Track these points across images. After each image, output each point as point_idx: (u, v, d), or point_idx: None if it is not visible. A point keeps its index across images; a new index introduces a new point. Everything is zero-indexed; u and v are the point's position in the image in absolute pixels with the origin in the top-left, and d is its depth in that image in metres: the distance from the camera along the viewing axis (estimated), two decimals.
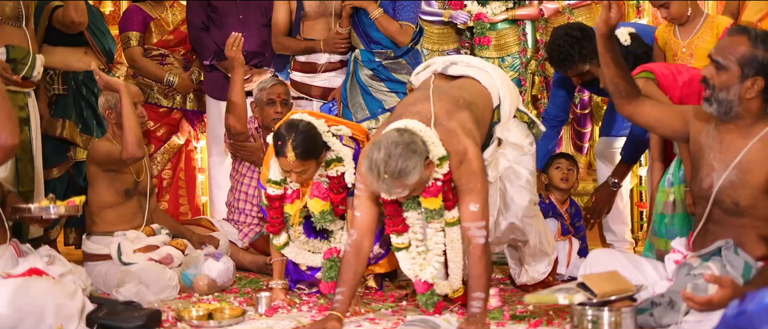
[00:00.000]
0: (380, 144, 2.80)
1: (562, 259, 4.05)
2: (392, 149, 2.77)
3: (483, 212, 2.99)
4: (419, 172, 2.81)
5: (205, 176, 5.53)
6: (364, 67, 4.51)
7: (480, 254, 2.96)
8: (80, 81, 4.50)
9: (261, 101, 4.32)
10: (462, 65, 3.43)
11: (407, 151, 2.78)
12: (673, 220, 3.08)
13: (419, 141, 2.85)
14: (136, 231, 3.88)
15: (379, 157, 2.77)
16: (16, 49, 3.79)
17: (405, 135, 2.83)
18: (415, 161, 2.78)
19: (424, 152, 2.85)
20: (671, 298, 2.53)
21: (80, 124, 4.48)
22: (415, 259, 3.16)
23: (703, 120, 2.71)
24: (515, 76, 5.05)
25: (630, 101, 2.85)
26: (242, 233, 4.45)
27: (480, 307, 2.92)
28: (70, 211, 3.18)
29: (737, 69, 2.56)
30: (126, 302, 3.19)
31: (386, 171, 2.76)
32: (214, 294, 3.74)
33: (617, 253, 2.96)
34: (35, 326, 2.72)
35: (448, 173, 2.99)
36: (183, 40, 4.97)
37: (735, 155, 2.59)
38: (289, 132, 3.23)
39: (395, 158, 2.75)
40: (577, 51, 3.85)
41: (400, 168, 2.76)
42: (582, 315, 2.53)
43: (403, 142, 2.79)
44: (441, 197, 3.02)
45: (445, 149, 2.95)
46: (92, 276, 3.64)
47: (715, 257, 2.59)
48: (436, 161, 2.92)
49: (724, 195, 2.59)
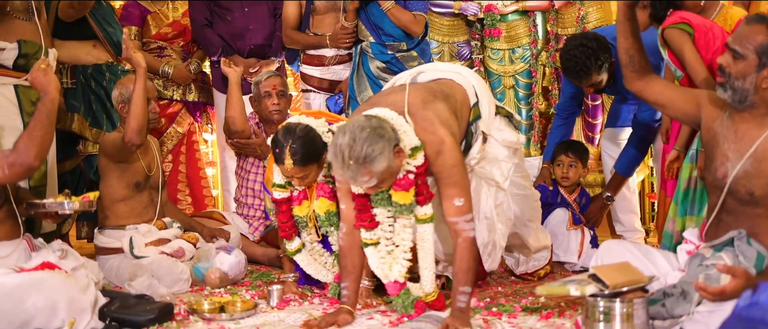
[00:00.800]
0: (346, 129, 2.68)
1: (573, 248, 4.04)
2: (357, 133, 2.63)
3: (468, 204, 2.88)
4: (387, 158, 2.67)
5: (217, 169, 5.54)
6: (374, 59, 4.51)
7: (468, 247, 2.87)
8: (89, 74, 4.50)
9: (258, 95, 4.34)
10: (431, 71, 3.32)
11: (374, 135, 2.64)
12: (696, 196, 3.07)
13: (388, 127, 2.73)
14: (148, 225, 3.89)
15: (344, 141, 2.64)
16: (27, 43, 3.80)
17: (372, 120, 2.71)
18: (382, 145, 2.65)
19: (394, 139, 2.72)
20: (683, 289, 2.51)
21: (89, 118, 4.49)
22: (384, 258, 3.03)
23: (718, 107, 2.69)
24: (526, 68, 5.05)
25: (642, 76, 2.82)
26: (253, 227, 4.46)
27: (465, 302, 2.84)
28: (85, 206, 3.20)
29: (755, 58, 2.53)
30: (138, 295, 3.20)
31: (351, 156, 2.62)
32: (226, 287, 3.75)
33: (628, 244, 2.94)
34: (48, 320, 2.74)
35: (421, 166, 2.85)
36: (181, 32, 4.97)
37: (750, 145, 2.57)
38: (286, 138, 3.17)
39: (360, 142, 2.62)
40: (594, 62, 3.81)
41: (366, 153, 2.62)
42: (594, 306, 2.52)
43: (369, 126, 2.67)
44: (413, 192, 2.88)
45: (418, 140, 2.83)
46: (104, 269, 3.66)
47: (727, 247, 2.57)
48: (408, 151, 2.80)
49: (739, 185, 2.57)
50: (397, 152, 2.72)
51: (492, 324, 2.95)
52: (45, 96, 2.98)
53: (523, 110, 5.09)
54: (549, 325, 2.93)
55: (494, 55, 5.09)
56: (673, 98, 2.83)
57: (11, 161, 2.86)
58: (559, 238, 4.10)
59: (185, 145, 5.05)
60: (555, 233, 4.08)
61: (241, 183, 4.54)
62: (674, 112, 2.90)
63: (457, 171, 2.86)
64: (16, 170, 2.87)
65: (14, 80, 3.75)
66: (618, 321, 2.49)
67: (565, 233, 4.11)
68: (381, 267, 3.03)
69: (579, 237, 4.09)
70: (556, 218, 4.15)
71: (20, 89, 3.80)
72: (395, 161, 2.72)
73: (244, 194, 4.53)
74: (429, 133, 2.86)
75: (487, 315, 3.07)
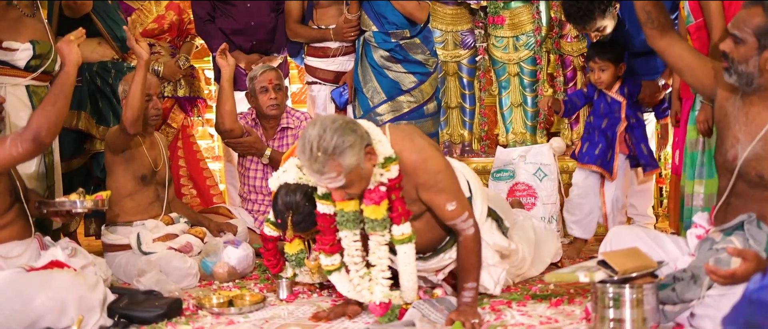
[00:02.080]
0: (316, 121, 2.58)
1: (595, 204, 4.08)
2: (328, 125, 2.54)
3: (461, 205, 2.81)
4: (357, 154, 2.54)
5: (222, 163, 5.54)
6: (378, 48, 4.49)
7: (471, 245, 2.83)
8: (94, 72, 4.50)
9: (254, 91, 4.34)
10: None
11: (345, 128, 2.54)
12: (703, 158, 3.05)
13: (361, 129, 2.62)
14: (155, 221, 3.89)
15: (313, 132, 2.53)
16: (40, 44, 3.79)
17: (346, 118, 2.62)
18: (353, 139, 2.54)
19: (366, 139, 2.60)
20: (693, 273, 2.50)
21: (96, 115, 4.49)
22: (359, 284, 2.86)
23: (732, 88, 2.67)
24: (530, 55, 5.02)
25: (663, 33, 2.79)
26: (259, 221, 4.46)
27: (471, 297, 2.82)
28: (97, 205, 3.21)
29: (754, 40, 2.53)
30: (146, 291, 3.20)
31: (319, 147, 2.51)
32: (234, 281, 3.75)
33: (638, 229, 2.92)
34: (57, 318, 2.74)
35: (395, 179, 2.71)
36: (167, 28, 4.95)
37: (760, 128, 2.55)
38: (287, 208, 2.99)
39: (330, 133, 2.51)
40: (597, 6, 3.79)
41: (336, 144, 2.50)
42: (603, 292, 2.51)
43: (342, 120, 2.58)
44: (385, 205, 2.71)
45: (393, 152, 2.71)
46: (112, 266, 3.67)
47: (737, 231, 2.55)
48: (381, 159, 2.68)
49: (749, 167, 2.56)
50: (368, 153, 2.61)
51: (501, 312, 2.95)
52: (62, 68, 2.97)
53: (529, 98, 5.07)
54: (559, 312, 2.92)
55: (498, 43, 5.07)
56: (693, 65, 2.80)
57: (24, 137, 2.87)
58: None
59: (181, 140, 5.05)
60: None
61: (243, 181, 4.54)
62: (691, 79, 2.86)
63: (443, 176, 2.78)
64: (28, 146, 2.87)
65: (26, 81, 3.76)
66: (628, 307, 2.48)
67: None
68: (358, 291, 2.88)
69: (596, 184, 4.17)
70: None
71: (32, 88, 3.80)
72: (366, 163, 2.60)
73: (247, 191, 4.53)
74: (407, 141, 2.77)
75: (497, 304, 3.06)
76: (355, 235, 2.81)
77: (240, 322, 2.98)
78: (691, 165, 3.14)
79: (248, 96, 4.41)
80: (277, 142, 4.47)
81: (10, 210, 3.00)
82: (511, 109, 5.14)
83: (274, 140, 4.47)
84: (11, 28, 3.75)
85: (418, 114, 4.47)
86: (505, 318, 2.86)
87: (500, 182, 4.90)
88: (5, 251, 2.97)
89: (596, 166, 4.11)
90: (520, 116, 5.13)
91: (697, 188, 3.12)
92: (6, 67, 3.72)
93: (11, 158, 2.89)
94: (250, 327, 2.90)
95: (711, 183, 3.07)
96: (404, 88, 4.46)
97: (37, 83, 3.83)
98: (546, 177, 4.80)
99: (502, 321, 2.82)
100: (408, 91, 4.44)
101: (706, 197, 3.21)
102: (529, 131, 5.10)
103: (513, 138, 5.13)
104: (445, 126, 5.33)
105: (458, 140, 5.34)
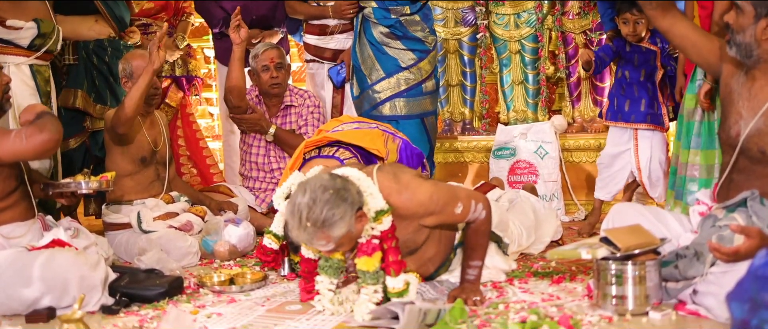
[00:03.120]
0: (307, 186, 2.46)
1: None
2: (319, 194, 2.42)
3: (466, 199, 2.73)
4: (347, 224, 2.45)
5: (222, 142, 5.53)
6: (377, 24, 4.45)
7: (483, 227, 2.80)
8: (91, 50, 4.47)
9: (256, 69, 4.32)
10: None
11: (336, 198, 2.43)
12: (701, 128, 3.03)
13: (353, 189, 2.50)
14: (155, 199, 3.88)
15: (303, 201, 2.42)
16: (44, 23, 3.76)
17: (337, 180, 2.49)
18: (343, 210, 2.43)
19: (357, 202, 2.49)
20: (696, 250, 2.49)
21: (93, 94, 4.47)
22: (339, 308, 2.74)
23: (737, 65, 2.65)
24: (532, 33, 4.99)
25: (665, 12, 2.75)
26: (260, 199, 4.45)
27: (475, 275, 2.80)
28: (103, 186, 3.21)
29: (751, 9, 2.52)
30: (148, 270, 3.20)
31: (309, 218, 2.41)
32: (235, 259, 3.75)
33: (640, 206, 2.91)
34: (59, 298, 2.74)
35: (387, 230, 2.59)
36: (163, 6, 4.92)
37: (763, 103, 2.54)
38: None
39: (320, 205, 2.41)
40: None
41: (325, 217, 2.41)
42: (605, 269, 2.51)
43: (333, 187, 2.45)
44: (378, 257, 2.60)
45: (385, 203, 2.59)
46: (113, 245, 3.66)
47: (740, 208, 2.54)
48: (372, 214, 2.56)
49: (751, 143, 2.55)
50: (359, 217, 2.51)
51: (503, 289, 2.94)
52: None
53: (530, 75, 5.05)
54: (560, 289, 2.91)
55: (499, 21, 5.04)
56: (698, 43, 2.78)
57: (29, 133, 2.83)
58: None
59: (180, 119, 5.04)
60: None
61: (245, 158, 4.52)
62: (696, 57, 2.84)
63: (436, 197, 2.68)
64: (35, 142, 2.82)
65: (30, 60, 3.73)
66: (630, 284, 2.48)
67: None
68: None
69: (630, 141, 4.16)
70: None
71: (35, 67, 3.78)
72: (356, 226, 2.51)
73: (248, 168, 4.52)
74: (393, 183, 2.66)
75: (499, 281, 3.06)
76: (332, 284, 2.73)
77: (241, 300, 2.97)
78: (687, 134, 3.12)
79: (251, 74, 4.39)
80: (281, 119, 4.45)
81: (14, 192, 2.98)
82: (512, 86, 5.12)
83: (277, 117, 4.45)
84: (14, 7, 3.72)
85: (416, 92, 4.44)
86: (507, 296, 2.86)
87: (501, 160, 4.89)
88: (7, 231, 2.96)
89: (646, 123, 4.08)
90: (521, 94, 5.11)
91: (693, 158, 3.10)
92: (9, 46, 3.70)
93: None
94: (252, 304, 2.90)
95: (710, 154, 3.05)
96: (403, 65, 4.42)
97: (40, 62, 3.81)
98: (547, 155, 4.80)
99: (504, 298, 2.82)
100: (406, 68, 4.41)
101: (704, 168, 3.19)
102: (530, 108, 5.08)
103: (514, 116, 5.11)
104: (445, 104, 5.31)
105: (459, 118, 5.33)
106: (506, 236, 3.21)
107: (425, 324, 2.42)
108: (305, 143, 3.66)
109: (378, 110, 4.41)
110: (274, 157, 4.45)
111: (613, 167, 4.21)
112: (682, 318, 2.45)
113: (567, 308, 2.64)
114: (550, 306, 2.69)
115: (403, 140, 3.79)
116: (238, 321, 2.68)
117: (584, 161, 4.89)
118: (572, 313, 2.54)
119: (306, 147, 3.64)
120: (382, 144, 3.66)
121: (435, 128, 4.62)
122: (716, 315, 2.38)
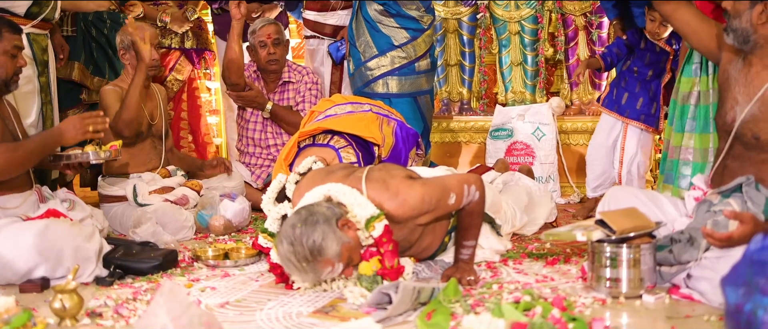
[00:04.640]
0: (281, 237, 2.47)
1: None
2: (291, 235, 2.42)
3: (457, 186, 2.72)
4: (334, 239, 2.43)
5: (221, 117, 5.52)
6: (372, 2, 4.42)
7: (477, 208, 2.80)
8: (89, 22, 4.45)
9: (254, 45, 4.30)
10: (417, 171, 3.07)
11: (307, 227, 2.42)
12: (696, 112, 3.03)
13: (321, 209, 2.49)
14: (152, 173, 3.88)
15: (285, 250, 2.44)
16: None
17: (301, 213, 2.48)
18: (321, 231, 2.42)
19: (332, 215, 2.47)
20: (691, 235, 2.50)
21: (91, 66, 4.45)
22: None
23: (735, 52, 2.65)
24: (532, 14, 4.97)
25: None
26: (256, 175, 4.45)
27: (469, 255, 2.81)
28: (112, 155, 3.21)
29: None
30: (142, 242, 3.20)
31: (300, 260, 2.42)
32: (230, 234, 3.75)
33: (636, 190, 2.92)
34: (53, 268, 2.74)
35: (381, 234, 2.56)
36: None
37: (758, 89, 2.53)
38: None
39: (299, 242, 2.41)
40: None
41: (310, 248, 2.41)
42: (600, 251, 2.51)
43: (300, 221, 2.44)
44: (375, 260, 2.57)
45: (375, 208, 2.57)
46: (108, 217, 3.66)
47: (735, 193, 2.54)
48: (363, 222, 2.54)
49: (746, 129, 2.55)
50: (343, 225, 2.49)
51: (498, 269, 2.95)
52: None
53: (529, 57, 5.03)
54: (555, 271, 2.92)
55: (499, 1, 5.01)
56: (699, 30, 2.79)
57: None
58: None
59: (186, 92, 5.02)
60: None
61: (242, 133, 4.51)
62: (697, 44, 2.86)
63: (428, 196, 2.65)
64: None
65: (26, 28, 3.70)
66: (624, 267, 2.48)
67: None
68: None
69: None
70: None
71: (32, 36, 3.75)
72: (346, 235, 2.48)
73: (245, 144, 4.51)
74: (383, 191, 2.63)
75: (494, 262, 3.06)
76: (364, 296, 2.61)
77: (235, 275, 2.97)
78: (681, 117, 3.11)
79: (249, 50, 4.37)
80: (278, 95, 4.44)
81: None
82: (510, 68, 5.10)
83: (275, 93, 4.44)
84: None
85: (408, 70, 4.39)
86: (501, 276, 2.86)
87: (498, 140, 4.89)
88: (3, 201, 2.96)
89: (639, 122, 4.08)
90: (519, 75, 5.09)
91: (687, 141, 3.10)
92: (5, 14, 3.67)
93: None
94: (246, 279, 2.90)
95: (704, 138, 3.05)
96: (396, 43, 4.38)
97: (37, 31, 3.79)
98: (544, 137, 4.79)
99: (498, 278, 2.82)
100: (400, 46, 4.37)
101: (699, 152, 3.18)
102: (528, 90, 5.07)
103: (512, 97, 5.10)
104: (444, 84, 5.30)
105: (457, 98, 5.31)
106: (498, 217, 3.21)
107: (419, 302, 2.42)
108: (299, 132, 3.63)
109: (370, 87, 4.38)
110: (271, 133, 4.44)
111: (603, 167, 4.19)
112: (676, 302, 2.45)
113: (561, 289, 2.65)
114: (544, 287, 2.70)
115: (398, 121, 3.77)
116: (232, 295, 2.69)
117: (581, 143, 4.88)
118: (566, 295, 2.55)
119: (300, 136, 3.62)
120: (377, 129, 3.63)
121: (430, 107, 4.56)
122: (710, 299, 2.38)
